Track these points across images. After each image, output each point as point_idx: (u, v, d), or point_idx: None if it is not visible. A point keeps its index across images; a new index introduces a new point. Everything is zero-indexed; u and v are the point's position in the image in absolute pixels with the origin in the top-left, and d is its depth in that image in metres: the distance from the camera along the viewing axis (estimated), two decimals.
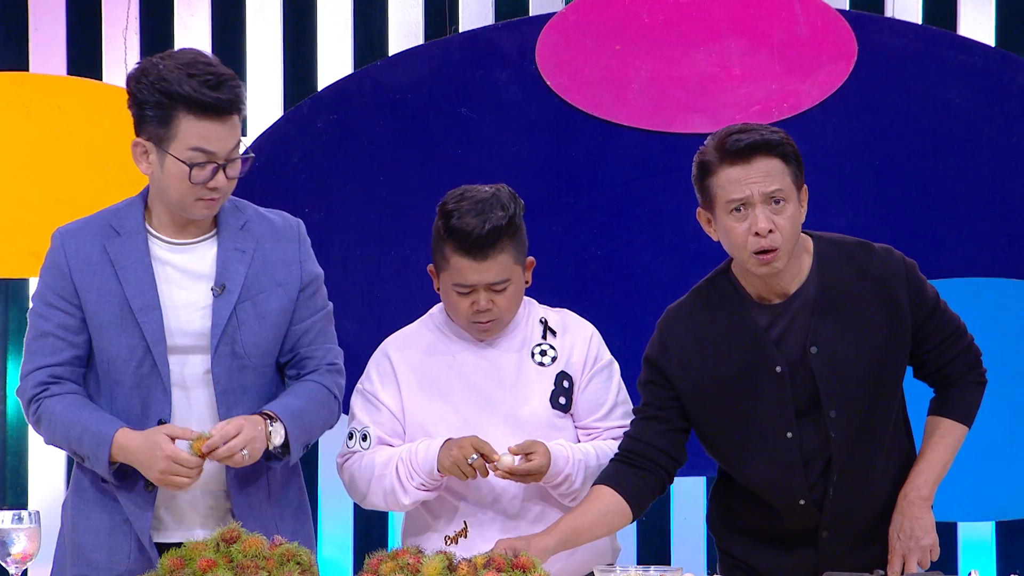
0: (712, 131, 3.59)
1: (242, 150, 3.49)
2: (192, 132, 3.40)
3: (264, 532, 3.35)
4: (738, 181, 3.40)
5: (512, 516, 3.57)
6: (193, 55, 3.45)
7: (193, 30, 5.41)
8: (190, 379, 3.52)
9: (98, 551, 3.54)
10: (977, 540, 5.33)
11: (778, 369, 3.46)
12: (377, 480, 3.55)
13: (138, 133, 3.46)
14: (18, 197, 5.13)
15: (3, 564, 3.22)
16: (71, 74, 5.35)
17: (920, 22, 5.32)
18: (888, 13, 5.33)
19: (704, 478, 5.27)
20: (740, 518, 3.63)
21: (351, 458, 3.62)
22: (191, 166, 3.41)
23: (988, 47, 5.23)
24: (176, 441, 3.38)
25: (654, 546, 5.33)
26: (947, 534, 5.29)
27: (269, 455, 3.51)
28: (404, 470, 3.52)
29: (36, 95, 5.17)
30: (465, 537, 3.56)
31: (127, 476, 3.50)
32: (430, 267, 3.59)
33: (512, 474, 3.46)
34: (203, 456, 3.37)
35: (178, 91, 3.38)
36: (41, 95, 5.17)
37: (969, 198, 5.13)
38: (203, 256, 3.55)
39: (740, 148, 3.40)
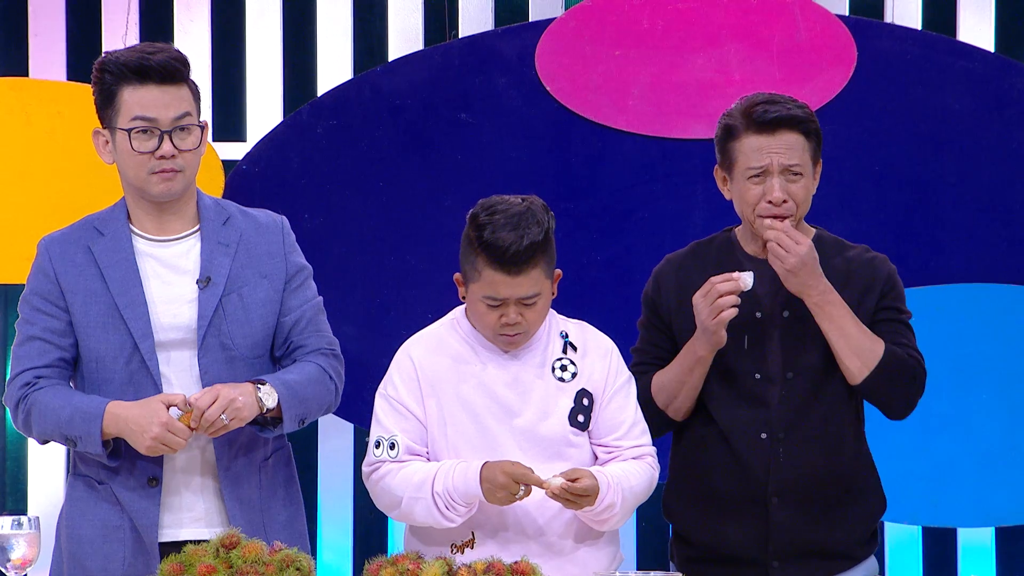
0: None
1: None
2: (132, 101, 3.48)
3: (255, 519, 3.45)
4: (760, 150, 3.60)
5: (520, 529, 3.55)
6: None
7: (193, 35, 5.41)
8: (179, 374, 3.53)
9: (93, 558, 3.55)
10: (977, 546, 5.33)
11: (758, 315, 3.65)
12: (411, 501, 3.49)
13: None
14: (18, 202, 5.12)
15: (3, 570, 3.22)
16: (71, 79, 5.34)
17: (920, 28, 5.33)
18: (888, 19, 5.33)
19: None
20: (695, 479, 3.71)
21: (380, 469, 3.54)
22: (129, 131, 3.46)
23: (988, 53, 5.23)
24: (169, 409, 3.43)
25: (653, 550, 5.32)
26: (947, 540, 5.29)
27: (263, 426, 3.52)
28: (442, 502, 3.46)
29: (36, 100, 5.16)
30: (472, 548, 3.53)
31: (125, 473, 3.51)
32: (457, 276, 3.54)
33: (559, 496, 3.42)
34: (192, 429, 3.43)
35: (115, 60, 3.50)
36: (41, 100, 5.16)
37: (969, 203, 5.13)
38: (187, 251, 3.57)
39: (767, 120, 3.59)
